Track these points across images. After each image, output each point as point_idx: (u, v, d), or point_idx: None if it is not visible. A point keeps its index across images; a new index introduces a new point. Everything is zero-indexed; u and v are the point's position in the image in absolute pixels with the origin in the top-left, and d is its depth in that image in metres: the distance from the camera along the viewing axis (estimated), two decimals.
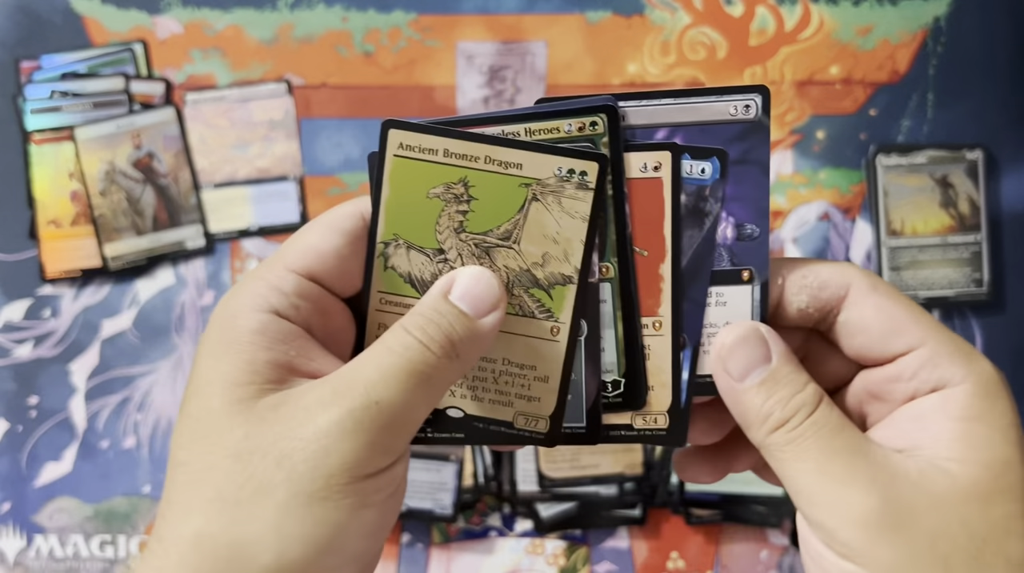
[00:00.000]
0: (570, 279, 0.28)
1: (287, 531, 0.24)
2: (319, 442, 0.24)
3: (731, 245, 0.29)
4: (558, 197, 0.27)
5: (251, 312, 0.25)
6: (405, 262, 0.27)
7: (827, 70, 0.59)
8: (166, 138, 0.58)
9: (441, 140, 0.27)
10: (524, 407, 0.28)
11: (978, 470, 0.25)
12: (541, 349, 0.28)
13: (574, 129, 0.27)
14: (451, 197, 0.27)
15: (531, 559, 0.57)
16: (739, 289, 0.28)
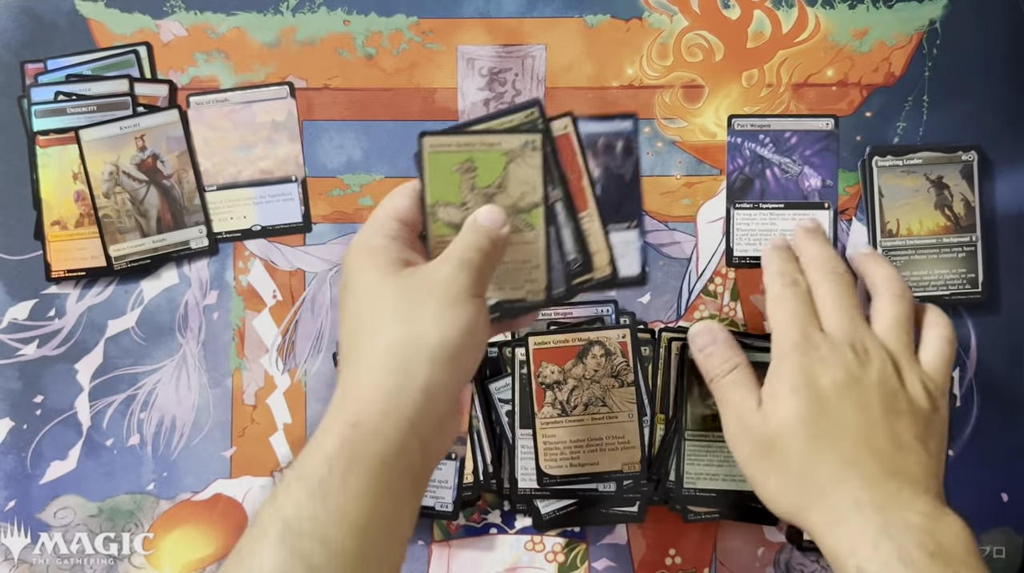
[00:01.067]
0: (537, 204, 0.47)
1: (442, 324, 0.40)
2: (449, 276, 0.41)
3: (819, 190, 0.58)
4: (523, 158, 0.46)
5: (381, 237, 0.43)
6: (445, 214, 0.46)
7: (823, 72, 0.59)
8: (170, 140, 0.59)
9: (452, 138, 0.46)
10: (529, 287, 0.47)
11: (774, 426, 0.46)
12: (530, 249, 0.47)
13: (522, 117, 0.48)
14: (464, 170, 0.46)
15: (531, 556, 0.58)
16: (822, 212, 0.58)
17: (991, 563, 0.58)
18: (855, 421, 0.44)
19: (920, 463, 0.44)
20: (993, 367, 0.58)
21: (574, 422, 0.56)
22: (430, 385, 0.39)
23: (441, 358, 0.39)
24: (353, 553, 0.36)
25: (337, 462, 0.37)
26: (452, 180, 0.45)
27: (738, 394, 0.47)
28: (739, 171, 0.58)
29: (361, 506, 0.36)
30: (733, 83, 0.59)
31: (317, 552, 0.35)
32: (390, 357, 0.39)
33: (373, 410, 0.38)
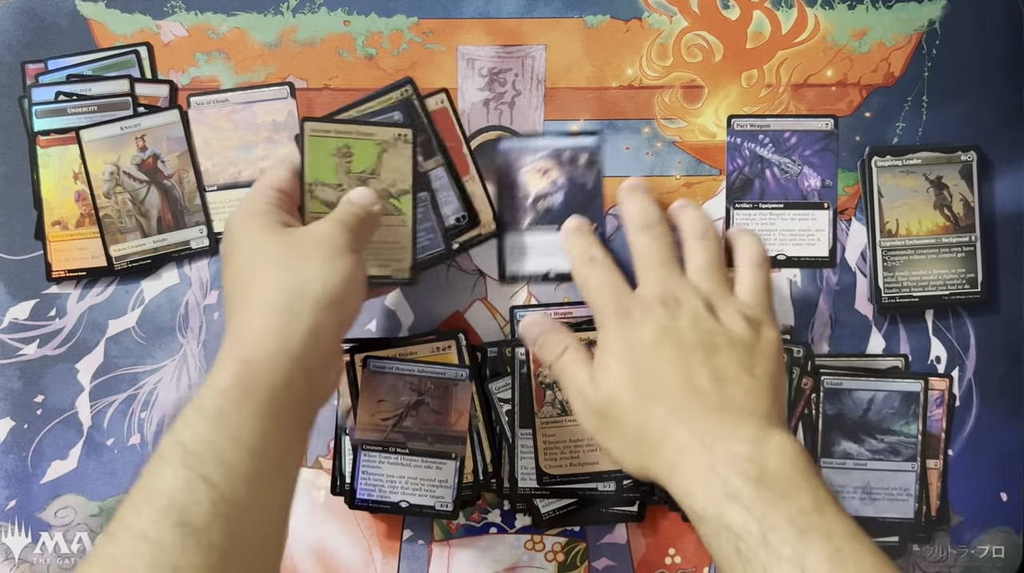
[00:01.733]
0: (407, 191, 0.52)
1: (326, 272, 0.44)
2: (330, 232, 0.46)
3: (819, 190, 0.59)
4: (396, 149, 0.52)
5: (262, 203, 0.47)
6: (321, 193, 0.50)
7: (823, 73, 0.59)
8: (170, 140, 0.59)
9: (332, 125, 0.51)
10: (395, 266, 0.52)
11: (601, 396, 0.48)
12: (398, 232, 0.52)
13: (397, 95, 0.55)
14: (340, 155, 0.51)
15: (530, 555, 0.58)
16: (822, 213, 0.58)
17: (991, 563, 0.58)
18: (674, 371, 0.45)
19: (746, 391, 0.45)
20: (992, 367, 0.59)
21: (574, 422, 0.56)
22: (315, 326, 0.43)
23: (325, 302, 0.44)
24: (248, 473, 0.39)
25: (231, 393, 0.40)
26: (329, 163, 0.50)
27: (572, 372, 0.49)
28: (739, 171, 0.59)
29: (254, 430, 0.40)
30: (733, 83, 0.59)
31: (216, 471, 0.38)
32: (277, 300, 0.43)
33: (263, 348, 0.42)
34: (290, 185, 0.49)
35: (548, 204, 0.56)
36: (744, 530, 0.39)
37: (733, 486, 0.40)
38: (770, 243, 0.58)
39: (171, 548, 0.36)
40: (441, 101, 0.57)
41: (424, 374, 0.56)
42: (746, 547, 0.39)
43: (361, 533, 0.58)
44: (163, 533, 0.36)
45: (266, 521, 0.41)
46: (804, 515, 0.39)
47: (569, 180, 0.57)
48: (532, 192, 0.57)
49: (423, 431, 0.56)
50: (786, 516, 0.39)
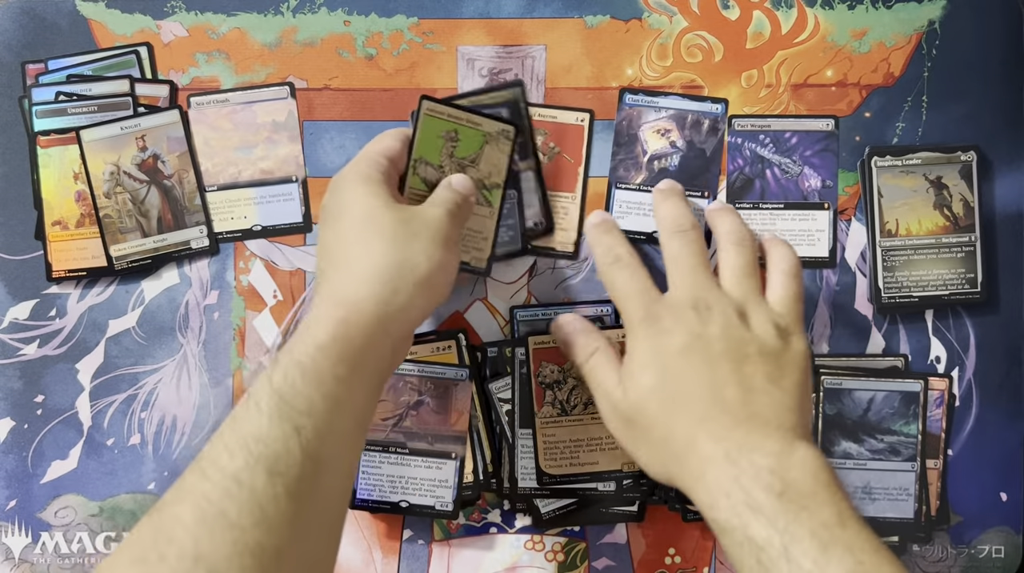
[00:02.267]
0: (498, 185, 0.54)
1: (431, 255, 0.46)
2: (439, 219, 0.48)
3: (819, 190, 0.59)
4: (497, 142, 0.53)
5: (375, 171, 0.48)
6: (423, 171, 0.52)
7: (823, 73, 0.59)
8: (170, 140, 0.59)
9: (447, 108, 0.53)
10: (475, 254, 0.54)
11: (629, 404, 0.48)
12: (484, 222, 0.54)
13: (508, 94, 0.57)
14: (448, 138, 0.53)
15: (530, 555, 0.58)
16: (822, 213, 0.58)
17: (991, 563, 0.58)
18: (702, 379, 0.45)
19: (773, 403, 0.45)
20: (992, 367, 0.59)
21: (574, 422, 0.56)
22: (409, 303, 0.45)
23: (423, 284, 0.45)
24: (336, 431, 0.41)
25: (329, 352, 0.42)
26: (437, 143, 0.52)
27: (601, 375, 0.50)
28: (739, 171, 0.59)
29: (346, 391, 0.42)
30: (732, 83, 0.59)
31: (308, 424, 0.40)
32: (383, 272, 0.45)
33: (362, 314, 0.43)
34: (398, 155, 0.51)
35: (664, 165, 0.57)
36: (766, 542, 0.39)
37: (756, 499, 0.41)
38: None
39: (263, 494, 0.37)
40: (583, 119, 0.58)
41: (424, 374, 0.56)
42: (767, 559, 0.39)
43: (361, 533, 0.58)
44: (256, 479, 0.38)
45: (344, 478, 0.43)
46: (827, 528, 0.39)
47: (688, 143, 0.58)
48: (649, 151, 0.58)
49: (423, 431, 0.56)
50: (808, 529, 0.39)
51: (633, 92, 0.58)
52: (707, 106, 0.58)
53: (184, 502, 0.37)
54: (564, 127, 0.58)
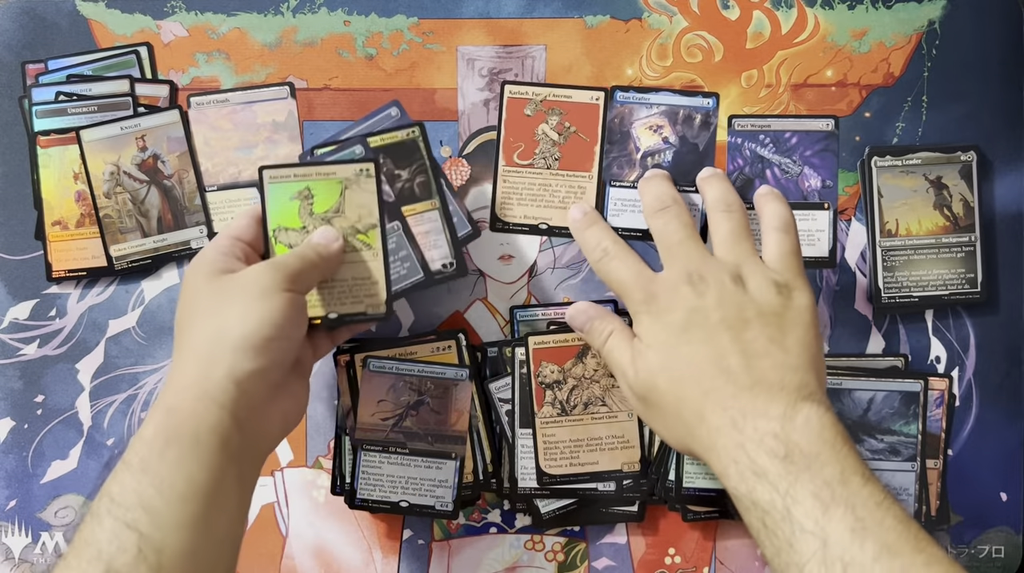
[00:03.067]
0: (374, 225, 0.51)
1: (247, 316, 0.44)
2: (256, 273, 0.46)
3: (819, 190, 0.58)
4: (358, 184, 0.51)
5: (213, 251, 0.48)
6: (285, 238, 0.50)
7: (823, 73, 0.59)
8: (170, 140, 0.59)
9: (291, 169, 0.51)
10: (369, 302, 0.51)
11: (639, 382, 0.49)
12: (369, 267, 0.51)
13: (404, 135, 0.54)
14: (301, 197, 0.51)
15: (530, 555, 0.58)
16: (822, 213, 0.57)
17: (991, 563, 0.58)
18: (704, 353, 0.46)
19: (776, 365, 0.45)
20: (992, 367, 0.59)
21: (574, 422, 0.56)
22: (235, 372, 0.43)
23: (244, 347, 0.43)
24: (176, 519, 0.39)
25: (155, 441, 0.41)
26: (291, 207, 0.50)
27: (617, 356, 0.50)
28: (739, 171, 0.59)
29: (179, 475, 0.40)
30: (733, 83, 0.59)
31: (143, 519, 0.39)
32: (199, 348, 0.44)
33: (186, 396, 0.43)
34: (249, 233, 0.49)
35: (657, 161, 0.57)
36: (770, 506, 0.40)
37: (760, 464, 0.41)
38: None
39: None
40: (597, 99, 0.58)
41: (424, 374, 0.56)
42: (771, 521, 0.40)
43: (361, 533, 0.58)
44: None
45: (199, 566, 0.40)
46: (829, 487, 0.40)
47: (681, 139, 0.58)
48: (642, 147, 0.57)
49: (423, 431, 0.56)
50: (810, 490, 0.40)
51: (624, 90, 0.58)
52: (698, 100, 0.58)
53: None
54: (579, 106, 0.58)
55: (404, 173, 0.54)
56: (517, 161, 0.58)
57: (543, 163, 0.58)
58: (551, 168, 0.58)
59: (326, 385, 0.58)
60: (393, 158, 0.54)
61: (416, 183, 0.54)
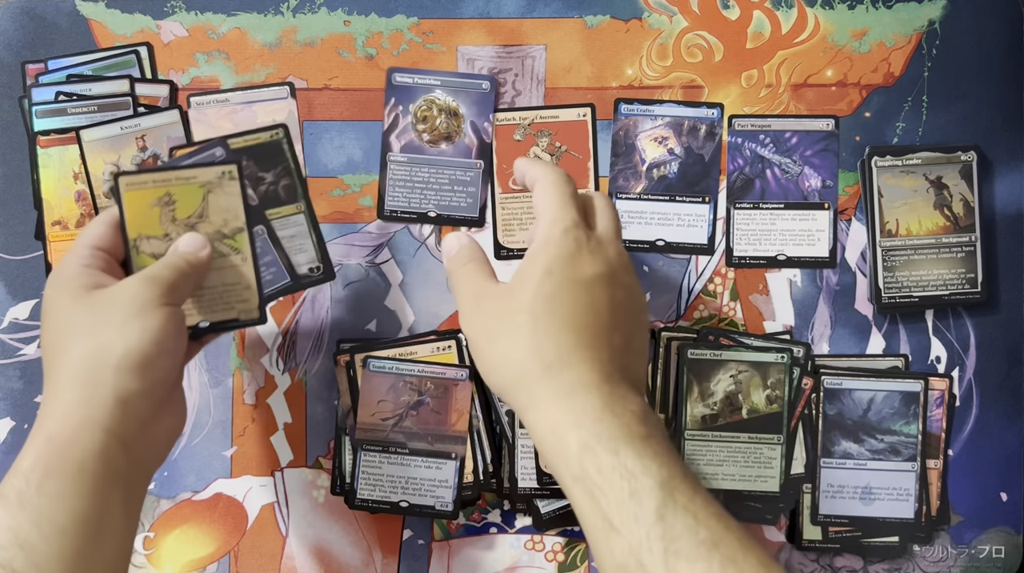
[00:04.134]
0: (241, 229, 0.49)
1: (127, 334, 0.42)
2: (133, 288, 0.43)
3: (819, 190, 0.59)
4: (221, 187, 0.49)
5: (73, 265, 0.45)
6: (148, 246, 0.48)
7: (823, 73, 0.59)
8: (171, 140, 0.59)
9: (149, 175, 0.48)
10: (241, 307, 0.49)
11: (512, 283, 0.45)
12: (238, 271, 0.49)
13: (267, 136, 0.53)
14: (162, 203, 0.48)
15: (531, 555, 0.58)
16: (822, 213, 0.57)
17: (991, 563, 0.58)
18: (603, 313, 0.44)
19: (642, 366, 0.47)
20: (992, 367, 0.59)
21: None
22: (120, 392, 0.41)
23: (127, 366, 0.42)
24: (55, 554, 0.38)
25: (33, 473, 0.39)
26: (151, 214, 0.48)
27: (475, 276, 0.48)
28: (739, 171, 0.59)
29: (59, 508, 0.38)
30: (733, 83, 0.59)
31: (18, 557, 0.37)
32: (79, 371, 0.41)
33: (67, 422, 0.40)
34: (108, 241, 0.47)
35: (663, 173, 0.57)
36: None
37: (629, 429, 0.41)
38: (770, 243, 0.59)
39: None
40: (584, 115, 0.58)
41: (424, 374, 0.56)
42: None
43: (361, 533, 0.58)
44: None
45: None
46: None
47: (686, 150, 0.58)
48: (648, 159, 0.58)
49: (423, 431, 0.56)
50: None
51: (628, 102, 0.58)
52: (703, 111, 0.58)
53: None
54: (567, 125, 0.58)
55: (268, 175, 0.52)
56: (512, 187, 0.58)
57: None
58: None
59: (326, 385, 0.58)
60: (256, 160, 0.52)
61: (281, 186, 0.53)
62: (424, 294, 0.59)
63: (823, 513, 0.57)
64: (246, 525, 0.58)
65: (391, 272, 0.59)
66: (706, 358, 0.56)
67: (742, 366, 0.56)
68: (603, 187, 0.59)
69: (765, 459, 0.56)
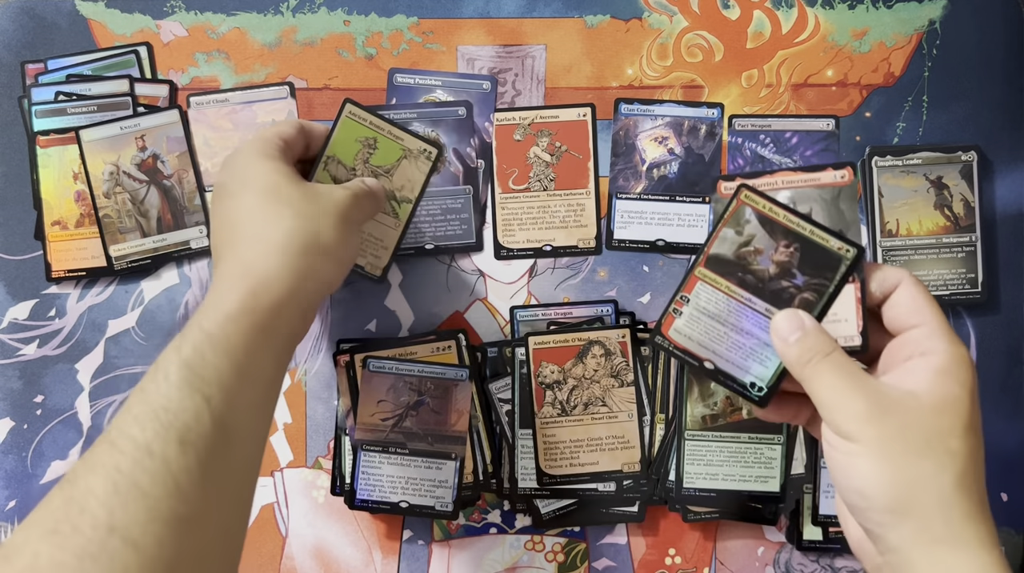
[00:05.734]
0: (409, 200, 0.54)
1: (339, 231, 0.46)
2: (349, 200, 0.48)
3: None
4: (416, 160, 0.54)
5: (274, 148, 0.48)
6: (334, 169, 0.53)
7: (823, 73, 0.59)
8: (170, 140, 0.59)
9: (370, 115, 0.53)
10: (371, 260, 0.55)
11: (936, 399, 0.40)
12: (387, 233, 0.55)
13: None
14: (366, 144, 0.53)
15: (530, 555, 0.58)
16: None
17: None
18: (978, 446, 0.40)
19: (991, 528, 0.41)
20: (993, 367, 0.59)
21: (574, 422, 0.56)
22: (320, 275, 0.46)
23: (334, 257, 0.47)
24: (245, 401, 0.41)
25: (239, 323, 0.42)
26: (353, 147, 0.53)
27: (853, 371, 0.42)
28: (739, 171, 0.59)
29: (256, 362, 0.42)
30: (733, 83, 0.59)
31: (216, 395, 0.40)
32: (294, 244, 0.45)
33: (275, 286, 0.43)
34: (294, 139, 0.50)
35: (663, 172, 0.57)
36: None
37: None
38: None
39: (175, 464, 0.37)
40: (584, 115, 0.59)
41: (424, 374, 0.56)
42: None
43: (361, 533, 0.58)
44: (168, 449, 0.37)
45: (254, 447, 0.43)
46: None
47: (687, 150, 0.58)
48: (648, 159, 0.58)
49: (423, 431, 0.56)
50: None
51: (628, 102, 0.58)
52: (703, 111, 0.58)
53: (96, 474, 0.37)
54: (567, 125, 0.59)
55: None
56: (512, 187, 0.58)
57: (539, 185, 0.58)
58: (548, 189, 0.58)
59: (326, 385, 0.58)
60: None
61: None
62: (424, 294, 0.59)
63: (823, 513, 0.57)
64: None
65: (391, 272, 0.59)
66: None
67: None
68: (603, 187, 0.59)
69: (765, 459, 0.56)
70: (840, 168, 0.48)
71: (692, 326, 0.46)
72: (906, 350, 0.43)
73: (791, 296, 0.45)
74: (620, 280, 0.59)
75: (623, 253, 0.59)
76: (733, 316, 0.46)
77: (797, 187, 0.48)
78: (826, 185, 0.48)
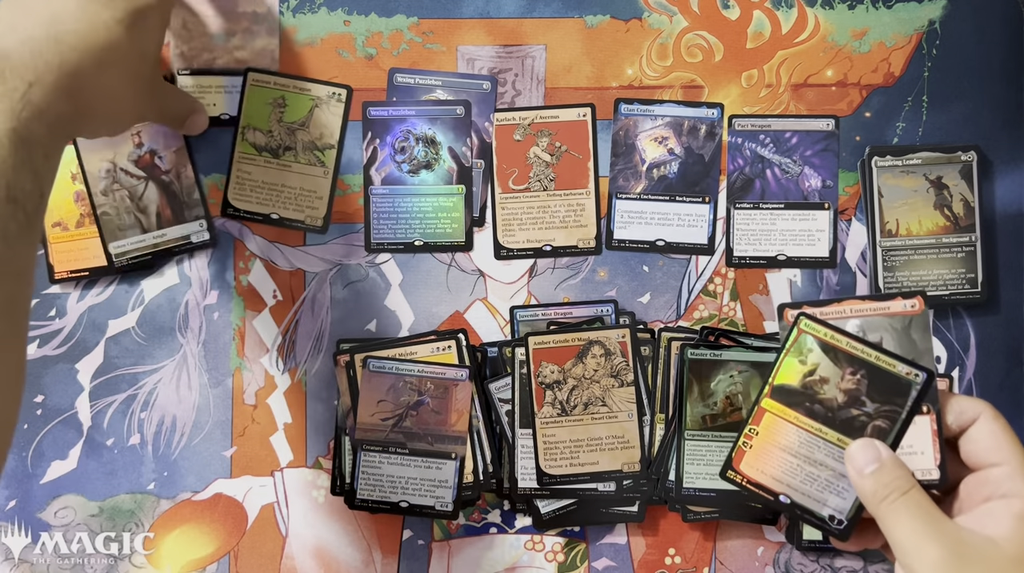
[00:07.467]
0: (331, 146, 0.57)
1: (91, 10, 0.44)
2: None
3: (819, 190, 0.58)
4: (327, 105, 0.57)
5: None
6: (253, 137, 0.57)
7: (823, 73, 0.59)
8: (167, 136, 0.59)
9: (272, 76, 0.57)
10: (310, 213, 0.57)
11: (1017, 548, 0.38)
12: (318, 183, 0.57)
13: None
14: (275, 104, 0.57)
15: (530, 555, 0.58)
16: (822, 213, 0.50)
17: None
18: None
19: None
20: (992, 367, 0.59)
21: (574, 422, 0.56)
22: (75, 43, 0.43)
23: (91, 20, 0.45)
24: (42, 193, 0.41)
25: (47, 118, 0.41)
26: (264, 111, 0.57)
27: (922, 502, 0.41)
28: (739, 171, 0.59)
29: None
30: (733, 83, 0.59)
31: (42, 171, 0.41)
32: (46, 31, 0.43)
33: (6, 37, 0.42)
34: None
35: (663, 173, 0.57)
36: None
37: None
38: (770, 243, 0.59)
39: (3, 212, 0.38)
40: (584, 115, 0.58)
41: (424, 374, 0.56)
42: None
43: (361, 533, 0.58)
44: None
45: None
46: None
47: (687, 150, 0.58)
48: (648, 159, 0.58)
49: (423, 431, 0.56)
50: None
51: (628, 102, 0.58)
52: (703, 111, 0.58)
53: None
54: (567, 125, 0.59)
55: None
56: (512, 187, 0.58)
57: (539, 186, 0.58)
58: (547, 190, 0.58)
59: (326, 385, 0.58)
60: None
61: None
62: (424, 294, 0.59)
63: None
64: (246, 525, 0.58)
65: (391, 272, 0.59)
66: (706, 358, 0.56)
67: (742, 366, 0.56)
68: (603, 187, 0.59)
69: None
70: (910, 297, 0.48)
71: (763, 460, 0.46)
72: (985, 490, 0.42)
73: (863, 424, 0.45)
74: (620, 280, 0.59)
75: (623, 253, 0.59)
76: (805, 448, 0.45)
77: (866, 316, 0.48)
78: (896, 314, 0.48)
